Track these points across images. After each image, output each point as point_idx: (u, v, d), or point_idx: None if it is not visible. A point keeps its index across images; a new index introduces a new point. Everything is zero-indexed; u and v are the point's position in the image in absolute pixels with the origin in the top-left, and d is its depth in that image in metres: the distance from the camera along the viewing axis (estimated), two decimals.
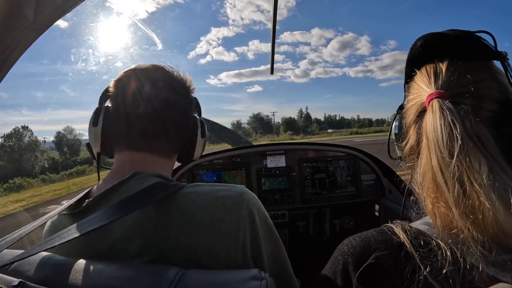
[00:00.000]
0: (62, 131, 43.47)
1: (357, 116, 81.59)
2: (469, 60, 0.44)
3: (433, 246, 0.38)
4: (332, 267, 0.46)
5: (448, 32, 0.46)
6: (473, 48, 0.45)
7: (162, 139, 0.60)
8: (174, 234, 0.47)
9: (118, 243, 0.47)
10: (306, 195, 1.72)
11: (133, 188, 0.51)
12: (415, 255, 0.38)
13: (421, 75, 0.47)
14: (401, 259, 0.39)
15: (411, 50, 0.50)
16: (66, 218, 0.54)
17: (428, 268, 0.37)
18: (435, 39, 0.48)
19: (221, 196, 0.51)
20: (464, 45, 0.45)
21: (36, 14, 0.55)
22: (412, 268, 0.38)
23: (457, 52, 0.45)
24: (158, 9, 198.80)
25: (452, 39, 0.46)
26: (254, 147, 1.80)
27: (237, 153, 1.75)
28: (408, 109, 0.49)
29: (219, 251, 0.47)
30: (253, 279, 0.39)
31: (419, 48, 0.49)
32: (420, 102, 0.45)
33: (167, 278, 0.38)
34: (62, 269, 0.42)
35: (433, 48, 0.47)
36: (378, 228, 0.45)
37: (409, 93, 0.50)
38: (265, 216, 0.56)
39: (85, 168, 25.78)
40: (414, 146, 0.47)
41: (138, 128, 0.58)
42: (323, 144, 1.80)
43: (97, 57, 1.66)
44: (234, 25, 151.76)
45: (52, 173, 24.56)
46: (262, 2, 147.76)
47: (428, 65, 0.47)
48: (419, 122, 0.45)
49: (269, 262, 0.53)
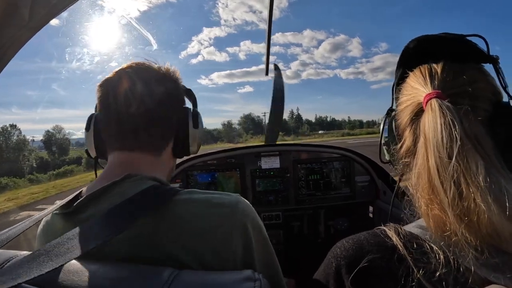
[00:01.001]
0: (51, 130, 42.70)
1: (348, 118, 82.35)
2: (463, 62, 0.45)
3: (426, 249, 0.38)
4: (325, 269, 0.46)
5: (442, 35, 0.47)
6: (467, 51, 0.46)
7: (147, 134, 0.59)
8: (167, 240, 0.47)
9: (108, 246, 0.46)
10: (301, 196, 1.72)
11: (126, 190, 0.50)
12: (408, 258, 0.38)
13: (415, 76, 0.47)
14: (394, 262, 0.39)
15: (404, 52, 0.51)
16: (58, 218, 0.53)
17: (422, 271, 0.37)
18: (429, 41, 0.48)
19: (215, 204, 0.52)
20: (458, 47, 0.46)
21: (31, 13, 0.55)
22: (406, 271, 0.38)
23: (451, 54, 0.46)
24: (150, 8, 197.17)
25: (447, 42, 0.47)
26: (249, 148, 1.79)
27: (231, 154, 1.74)
28: (402, 111, 0.48)
29: (211, 259, 0.48)
30: (247, 280, 0.39)
31: (413, 49, 0.49)
32: (416, 102, 0.45)
33: (161, 279, 0.38)
34: (57, 270, 0.41)
35: (426, 50, 0.48)
36: (370, 231, 0.45)
37: (401, 95, 0.50)
38: (259, 225, 0.56)
39: (73, 168, 25.19)
40: (411, 147, 0.47)
41: (124, 127, 0.58)
42: (318, 146, 1.80)
43: (91, 56, 1.64)
44: (226, 25, 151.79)
45: (40, 173, 23.97)
46: (254, 3, 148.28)
47: (422, 66, 0.47)
48: (415, 122, 0.45)
49: (260, 269, 0.53)
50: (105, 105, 0.60)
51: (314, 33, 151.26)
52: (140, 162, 0.58)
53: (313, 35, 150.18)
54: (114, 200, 0.48)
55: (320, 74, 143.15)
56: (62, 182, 17.71)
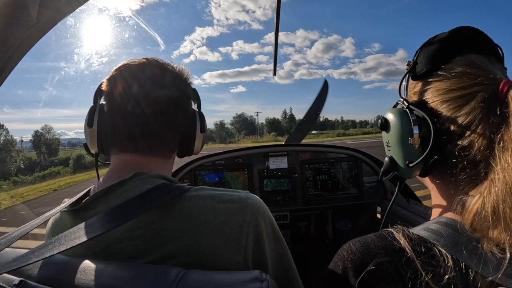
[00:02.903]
0: (40, 130, 41.44)
1: (341, 118, 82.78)
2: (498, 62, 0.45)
3: (435, 253, 0.38)
4: (332, 272, 0.45)
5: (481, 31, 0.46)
6: (501, 55, 0.46)
7: (160, 138, 0.58)
8: (176, 236, 0.47)
9: (114, 244, 0.47)
10: (308, 197, 1.72)
11: (135, 188, 0.50)
12: (416, 261, 0.38)
13: (470, 63, 0.43)
14: (402, 265, 0.38)
15: (452, 38, 0.46)
16: (67, 215, 0.53)
17: (430, 274, 0.36)
18: (474, 34, 0.46)
19: (224, 200, 0.51)
20: (498, 49, 0.46)
21: (40, 14, 0.55)
22: (413, 274, 0.37)
23: (495, 53, 0.46)
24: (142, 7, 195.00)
25: (492, 41, 0.46)
26: (256, 149, 1.78)
27: (239, 154, 1.74)
28: (456, 103, 0.42)
29: (220, 254, 0.47)
30: (254, 280, 0.39)
31: (467, 37, 0.46)
32: (490, 89, 0.39)
33: (169, 278, 0.38)
34: (63, 268, 0.42)
35: (470, 41, 0.46)
36: (377, 233, 0.44)
37: (443, 86, 0.44)
38: (270, 219, 0.55)
39: (60, 169, 24.35)
40: (483, 150, 0.40)
41: (135, 128, 0.56)
42: (326, 146, 1.81)
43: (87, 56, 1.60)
44: (218, 25, 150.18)
45: (26, 174, 23.08)
46: (247, 2, 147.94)
47: (474, 55, 0.44)
48: (492, 117, 0.39)
49: (273, 264, 0.53)
50: (112, 102, 0.57)
51: (307, 33, 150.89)
52: (150, 164, 0.57)
53: (306, 35, 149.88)
54: (123, 198, 0.48)
55: (312, 74, 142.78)
56: (35, 187, 15.95)
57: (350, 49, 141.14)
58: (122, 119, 0.56)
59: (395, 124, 0.49)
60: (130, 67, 0.58)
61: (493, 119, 0.39)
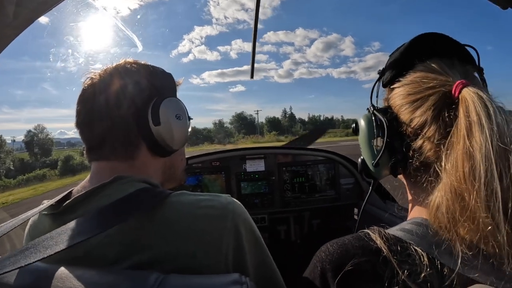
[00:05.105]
0: (33, 130, 40.38)
1: (341, 117, 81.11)
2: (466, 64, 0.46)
3: (411, 251, 0.39)
4: (310, 274, 0.46)
5: (447, 36, 0.47)
6: (468, 55, 0.47)
7: (120, 143, 0.55)
8: (156, 242, 0.46)
9: (95, 250, 0.46)
10: (286, 199, 1.72)
11: (115, 193, 0.49)
12: (393, 260, 0.38)
13: (426, 68, 0.45)
14: (379, 264, 0.39)
15: (411, 45, 0.48)
16: (46, 218, 0.52)
17: (406, 272, 0.37)
18: (437, 39, 0.47)
19: (203, 206, 0.51)
20: (463, 51, 0.47)
21: (16, 11, 0.54)
22: (391, 273, 0.38)
23: (457, 55, 0.46)
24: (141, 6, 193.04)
25: (454, 43, 0.47)
26: (233, 151, 1.78)
27: (216, 157, 1.74)
28: (414, 106, 0.44)
29: (200, 261, 0.47)
30: (234, 283, 0.39)
31: (421, 44, 0.47)
32: (442, 92, 0.41)
33: (148, 283, 0.38)
34: (41, 276, 0.41)
35: (434, 46, 0.47)
36: (354, 234, 0.45)
37: (404, 91, 0.47)
38: (251, 226, 0.55)
39: (46, 172, 22.63)
40: (432, 152, 0.42)
41: (96, 136, 0.56)
42: (302, 148, 1.82)
43: (76, 57, 1.57)
44: (217, 23, 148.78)
45: (13, 177, 22.06)
46: (246, 1, 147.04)
47: (436, 59, 0.45)
48: (441, 119, 0.41)
49: (254, 271, 0.53)
50: (77, 111, 0.57)
51: (307, 32, 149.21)
52: (125, 168, 0.55)
53: (306, 34, 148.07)
54: (103, 202, 0.48)
55: (312, 73, 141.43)
56: None
57: (350, 48, 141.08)
58: (80, 133, 0.57)
59: (362, 128, 0.53)
60: (89, 74, 0.59)
61: (441, 122, 0.41)
